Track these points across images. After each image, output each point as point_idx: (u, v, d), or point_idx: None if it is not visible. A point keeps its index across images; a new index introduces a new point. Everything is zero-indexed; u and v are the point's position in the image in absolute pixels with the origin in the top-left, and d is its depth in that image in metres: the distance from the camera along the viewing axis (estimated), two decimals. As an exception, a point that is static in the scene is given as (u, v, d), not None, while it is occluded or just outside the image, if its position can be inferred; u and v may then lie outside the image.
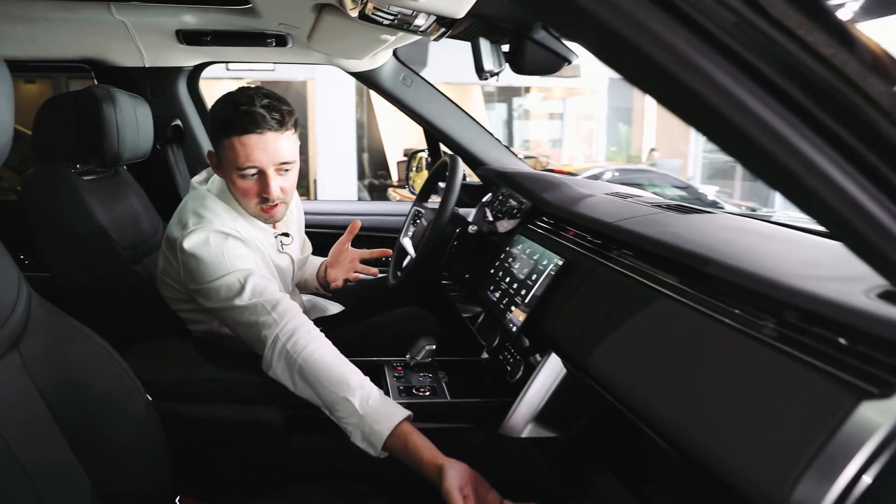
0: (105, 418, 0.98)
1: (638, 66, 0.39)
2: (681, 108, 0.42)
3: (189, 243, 1.20)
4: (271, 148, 1.20)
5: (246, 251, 1.25)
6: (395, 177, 9.69)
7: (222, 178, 1.31)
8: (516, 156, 2.15)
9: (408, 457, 1.05)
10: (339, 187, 7.12)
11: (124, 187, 1.60)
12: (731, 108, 0.38)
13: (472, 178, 2.24)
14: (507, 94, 13.45)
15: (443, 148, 2.21)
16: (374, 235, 2.23)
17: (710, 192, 8.25)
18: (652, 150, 12.17)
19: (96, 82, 1.84)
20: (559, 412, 1.21)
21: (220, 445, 1.15)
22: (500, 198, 1.92)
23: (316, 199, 7.30)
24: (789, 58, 0.38)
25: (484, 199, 2.03)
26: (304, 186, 8.21)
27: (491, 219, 1.86)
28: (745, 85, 0.38)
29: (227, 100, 1.23)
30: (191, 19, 1.61)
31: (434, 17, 1.16)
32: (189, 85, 1.93)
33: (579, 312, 1.06)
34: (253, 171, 1.22)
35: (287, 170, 1.27)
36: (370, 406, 1.08)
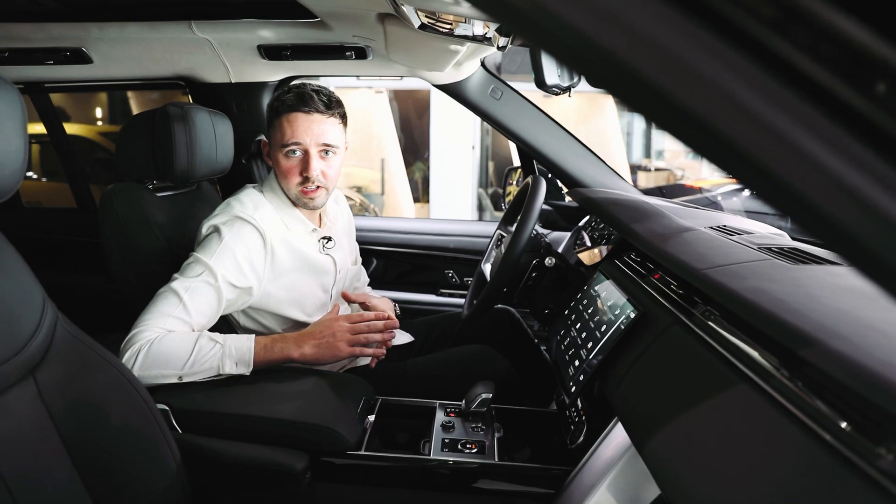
0: (120, 450, 0.94)
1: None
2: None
3: (210, 222, 1.26)
4: (316, 128, 1.26)
5: (253, 243, 1.24)
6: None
7: (272, 166, 1.34)
8: (620, 176, 1.91)
9: (276, 355, 1.17)
10: (450, 195, 7.09)
11: (203, 203, 1.62)
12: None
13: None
14: (644, 102, 12.70)
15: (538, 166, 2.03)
16: (460, 257, 2.10)
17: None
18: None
19: (190, 99, 1.91)
20: (626, 485, 1.01)
21: (239, 487, 1.08)
22: (594, 224, 1.71)
23: (429, 203, 7.32)
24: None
25: (580, 224, 1.83)
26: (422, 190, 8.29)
27: (580, 248, 1.66)
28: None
29: (281, 87, 1.31)
30: (269, 34, 1.60)
31: (494, 25, 1.02)
32: (274, 100, 1.95)
33: (642, 381, 0.86)
34: (297, 148, 1.26)
35: (329, 153, 1.30)
36: (224, 337, 1.17)
